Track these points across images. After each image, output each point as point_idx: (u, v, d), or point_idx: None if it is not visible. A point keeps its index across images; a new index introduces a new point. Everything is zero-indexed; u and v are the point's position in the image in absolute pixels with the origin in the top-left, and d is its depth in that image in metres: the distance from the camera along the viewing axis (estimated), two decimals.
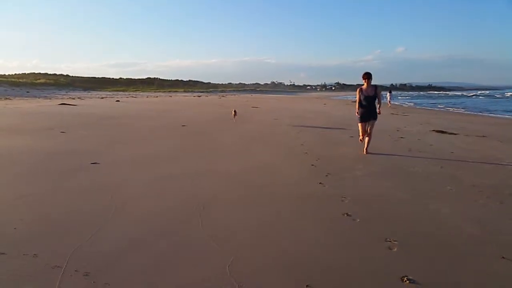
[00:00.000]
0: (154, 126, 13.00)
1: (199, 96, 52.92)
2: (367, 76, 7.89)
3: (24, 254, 3.12)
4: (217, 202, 4.66)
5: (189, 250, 3.33)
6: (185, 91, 78.06)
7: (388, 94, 31.08)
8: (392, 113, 21.12)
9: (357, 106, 8.16)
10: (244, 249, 3.34)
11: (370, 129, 8.08)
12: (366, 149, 8.16)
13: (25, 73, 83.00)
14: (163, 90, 77.82)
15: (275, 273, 2.93)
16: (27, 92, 47.55)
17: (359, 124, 8.16)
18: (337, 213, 4.30)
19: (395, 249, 3.39)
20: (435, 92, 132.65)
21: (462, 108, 32.97)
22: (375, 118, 8.03)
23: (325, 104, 34.28)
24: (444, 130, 12.37)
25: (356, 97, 8.25)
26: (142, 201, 4.67)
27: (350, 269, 3.02)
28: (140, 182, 5.55)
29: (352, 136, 10.67)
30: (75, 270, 2.87)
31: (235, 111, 14.67)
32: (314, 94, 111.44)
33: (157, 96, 49.69)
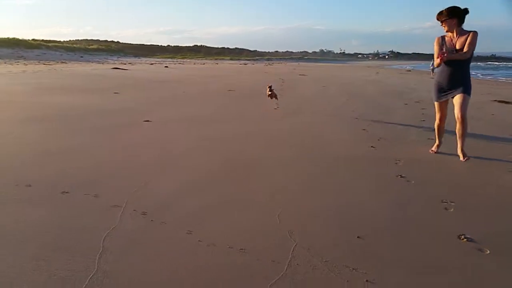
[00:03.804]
0: (202, 90, 13.15)
1: (245, 64, 52.71)
2: (451, 13, 4.51)
3: (85, 194, 3.31)
4: (266, 160, 4.66)
5: (239, 199, 3.38)
6: (231, 59, 78.10)
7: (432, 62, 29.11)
8: None
9: (435, 64, 4.82)
10: (294, 201, 3.33)
11: (458, 110, 4.57)
12: (461, 149, 4.73)
13: (78, 39, 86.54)
14: (210, 58, 78.32)
15: (325, 223, 2.91)
16: (81, 57, 49.71)
17: (435, 103, 5.02)
18: (390, 174, 4.16)
19: (452, 209, 3.24)
20: (497, 62, 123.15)
21: None
22: (465, 89, 4.60)
23: (377, 73, 32.92)
24: (508, 101, 11.49)
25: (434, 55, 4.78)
26: (192, 156, 4.78)
27: (403, 225, 2.92)
28: (189, 139, 5.67)
29: (406, 104, 10.22)
30: (134, 210, 3.01)
31: (270, 90, 8.50)
32: (365, 62, 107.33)
33: (204, 63, 50.12)
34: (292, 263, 2.30)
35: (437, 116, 5.08)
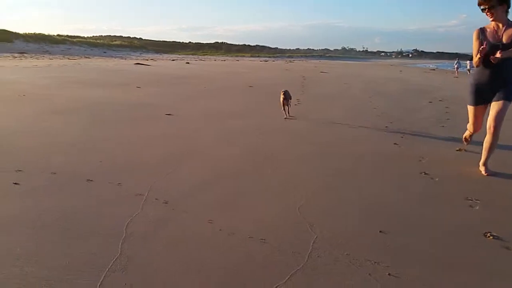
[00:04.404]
0: (222, 86, 13.21)
1: (265, 61, 52.63)
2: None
3: (109, 182, 3.38)
4: (287, 155, 4.65)
5: (260, 190, 3.39)
6: (251, 56, 78.08)
7: (468, 62, 28.25)
8: None
9: (475, 62, 3.93)
10: (315, 195, 3.31)
11: (493, 119, 3.79)
12: (484, 163, 4.04)
13: (102, 35, 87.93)
14: (230, 55, 78.51)
15: (347, 217, 2.88)
16: (104, 52, 50.61)
17: (470, 108, 4.19)
18: (414, 171, 4.08)
19: (477, 207, 3.15)
20: None
21: None
22: (507, 94, 3.79)
23: (400, 71, 32.37)
24: None
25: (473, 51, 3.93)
26: (213, 148, 4.81)
27: (427, 221, 2.86)
28: (210, 132, 5.70)
29: (431, 102, 10.01)
30: (156, 199, 3.05)
31: (284, 96, 6.89)
32: (388, 61, 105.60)
33: (224, 60, 50.26)
34: (313, 255, 2.28)
35: (471, 123, 4.29)
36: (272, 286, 1.97)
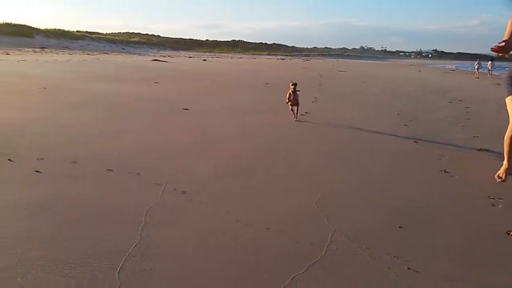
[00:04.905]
0: (239, 82, 13.23)
1: (282, 59, 52.46)
2: None
3: (128, 172, 3.42)
4: (303, 150, 4.63)
5: (276, 183, 3.39)
6: (268, 54, 77.96)
7: (489, 63, 27.55)
8: (498, 83, 18.96)
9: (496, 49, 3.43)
10: (332, 190, 3.29)
11: None
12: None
13: (120, 32, 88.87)
14: (247, 53, 78.53)
15: (365, 211, 2.85)
16: (123, 49, 51.23)
17: (508, 100, 3.78)
18: (433, 169, 4.01)
19: (500, 206, 3.08)
20: None
21: None
22: None
23: (420, 71, 31.84)
24: None
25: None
26: (230, 142, 4.83)
27: (448, 218, 2.81)
28: (227, 127, 5.72)
29: (450, 102, 9.83)
30: (174, 189, 3.07)
31: (294, 91, 6.12)
32: (407, 61, 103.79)
33: (241, 58, 50.32)
34: (331, 247, 2.26)
35: None
36: (289, 276, 1.97)
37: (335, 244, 2.30)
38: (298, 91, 6.25)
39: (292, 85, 5.97)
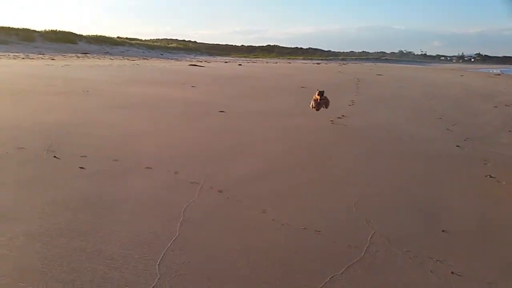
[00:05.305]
0: (274, 86, 13.23)
1: (318, 64, 52.06)
2: None
3: (167, 171, 3.49)
4: (341, 152, 4.57)
5: (314, 185, 3.35)
6: (304, 59, 77.51)
7: None
8: None
9: None
10: (371, 192, 3.22)
11: None
12: None
13: (158, 38, 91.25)
14: (282, 58, 78.36)
15: (406, 215, 2.77)
16: (161, 54, 52.50)
17: None
18: (478, 174, 3.84)
19: None
20: None
21: None
22: None
23: (462, 75, 30.65)
24: None
25: None
26: (266, 143, 4.83)
27: (493, 224, 2.69)
28: (263, 129, 5.73)
29: (496, 106, 9.39)
30: (211, 187, 3.11)
31: (321, 96, 6.12)
32: (449, 65, 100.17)
33: (276, 62, 50.37)
34: (370, 250, 2.21)
35: None
36: (327, 276, 1.93)
37: (375, 246, 2.24)
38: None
39: (318, 94, 5.57)
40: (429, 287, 1.88)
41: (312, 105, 5.97)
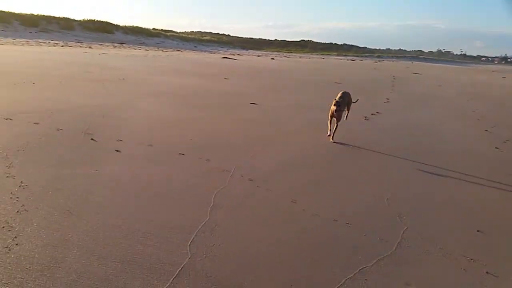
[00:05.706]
0: (306, 80, 13.12)
1: (353, 60, 51.14)
2: None
3: (199, 158, 3.55)
4: (374, 148, 4.49)
5: (346, 178, 3.33)
6: (338, 55, 76.29)
7: None
8: None
9: None
10: (404, 189, 3.16)
11: None
12: None
13: (193, 31, 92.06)
14: (316, 53, 77.37)
15: (441, 212, 2.71)
16: (195, 46, 53.05)
17: None
18: None
19: None
20: None
21: None
22: None
23: (504, 77, 29.33)
24: None
25: None
26: (297, 136, 4.82)
27: None
28: (293, 121, 5.73)
29: None
30: (241, 175, 3.14)
31: (338, 107, 4.62)
32: (490, 66, 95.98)
33: (309, 58, 49.90)
34: (402, 244, 2.17)
35: None
36: (357, 268, 1.92)
37: (407, 242, 2.20)
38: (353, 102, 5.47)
39: (334, 104, 4.70)
40: (462, 286, 1.83)
41: (330, 117, 4.87)
